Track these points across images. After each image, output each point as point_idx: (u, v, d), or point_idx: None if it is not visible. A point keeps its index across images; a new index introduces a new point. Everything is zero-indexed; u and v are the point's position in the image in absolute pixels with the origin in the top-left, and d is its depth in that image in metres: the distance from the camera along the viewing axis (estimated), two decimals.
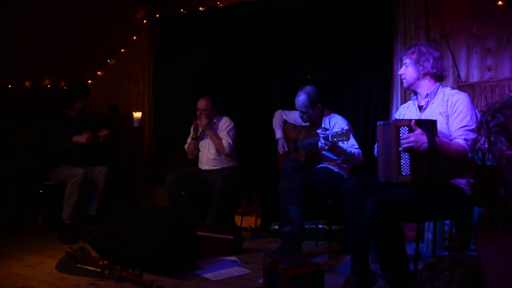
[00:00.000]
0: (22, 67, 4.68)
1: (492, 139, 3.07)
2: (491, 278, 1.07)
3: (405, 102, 3.86)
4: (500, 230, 2.87)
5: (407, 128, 2.09)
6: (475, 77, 3.58)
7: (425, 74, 2.35)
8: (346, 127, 2.83)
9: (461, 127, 2.19)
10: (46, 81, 5.12)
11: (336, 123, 3.25)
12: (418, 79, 2.36)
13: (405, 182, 2.12)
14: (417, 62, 2.34)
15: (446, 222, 3.09)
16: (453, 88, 2.36)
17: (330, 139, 2.81)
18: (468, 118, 2.20)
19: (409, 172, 2.09)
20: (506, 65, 3.47)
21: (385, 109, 3.90)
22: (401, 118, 2.51)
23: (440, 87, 2.36)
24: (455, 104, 2.23)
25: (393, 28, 3.88)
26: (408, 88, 2.43)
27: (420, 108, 2.41)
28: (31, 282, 2.47)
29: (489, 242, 1.52)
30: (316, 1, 4.14)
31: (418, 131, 2.06)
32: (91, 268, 2.60)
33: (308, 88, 3.24)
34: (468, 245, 3.04)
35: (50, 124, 3.69)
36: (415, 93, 2.44)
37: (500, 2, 3.45)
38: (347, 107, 3.99)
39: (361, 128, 3.91)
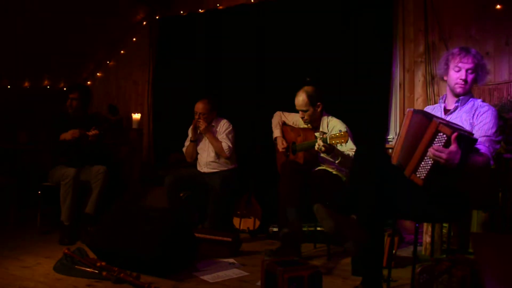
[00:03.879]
0: (21, 68, 4.68)
1: None
2: (489, 281, 1.07)
3: (404, 104, 3.89)
4: (499, 233, 2.87)
5: (445, 138, 1.94)
6: None
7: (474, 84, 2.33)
8: (344, 130, 2.83)
9: (485, 136, 2.16)
10: (46, 82, 5.12)
11: (334, 126, 3.25)
12: (471, 88, 2.33)
13: (414, 182, 2.07)
14: (477, 73, 2.29)
15: (444, 224, 3.09)
16: (483, 101, 2.33)
17: (328, 142, 2.82)
18: (494, 130, 2.18)
19: (423, 177, 2.02)
20: (504, 69, 3.48)
21: (384, 112, 3.90)
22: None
23: (472, 97, 2.34)
24: (482, 114, 2.22)
25: (393, 31, 3.90)
26: (461, 94, 2.33)
27: (446, 111, 2.38)
28: (28, 283, 2.46)
29: (487, 245, 1.52)
30: (315, 4, 4.15)
31: (454, 147, 1.91)
32: (88, 269, 2.60)
33: (307, 87, 3.27)
34: (466, 248, 3.04)
35: (52, 122, 3.71)
36: (456, 96, 2.35)
37: (498, 6, 3.47)
38: (346, 110, 3.99)
39: (360, 132, 3.90)
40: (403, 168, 2.14)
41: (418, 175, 2.04)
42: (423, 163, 2.02)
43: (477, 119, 2.23)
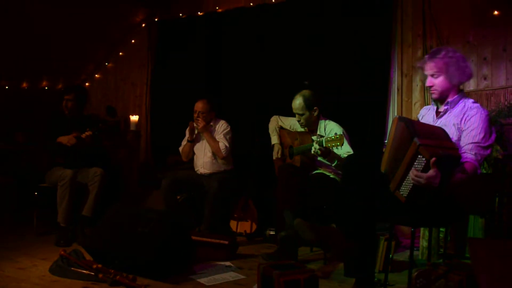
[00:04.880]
0: (20, 68, 4.68)
1: None
2: (484, 286, 1.07)
3: (401, 109, 3.90)
4: (495, 238, 2.88)
5: (425, 161, 1.91)
6: (471, 85, 3.60)
7: (454, 85, 2.29)
8: (340, 133, 2.84)
9: (472, 143, 2.13)
10: (44, 83, 5.11)
11: (331, 130, 3.26)
12: (449, 89, 2.30)
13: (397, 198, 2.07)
14: (447, 72, 2.25)
15: (441, 229, 3.10)
16: (475, 102, 2.28)
17: (324, 145, 2.82)
18: (482, 135, 2.13)
19: (406, 195, 2.02)
20: (501, 74, 3.50)
21: (382, 117, 3.91)
22: (422, 120, 2.48)
23: (463, 97, 2.30)
24: (470, 119, 2.18)
25: (391, 35, 3.91)
26: (438, 99, 2.34)
27: (438, 114, 2.38)
28: (24, 285, 2.45)
29: (483, 250, 1.53)
30: (315, 8, 4.17)
31: (433, 172, 1.89)
32: (84, 271, 2.59)
33: (305, 91, 3.29)
34: (463, 253, 3.05)
35: (49, 125, 3.70)
36: (440, 101, 2.36)
37: (496, 12, 3.49)
38: (344, 114, 3.99)
39: (357, 137, 3.91)
40: (388, 177, 2.13)
41: (401, 193, 2.04)
42: (405, 182, 2.02)
43: (465, 124, 2.19)
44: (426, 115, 2.49)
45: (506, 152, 3.00)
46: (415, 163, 1.96)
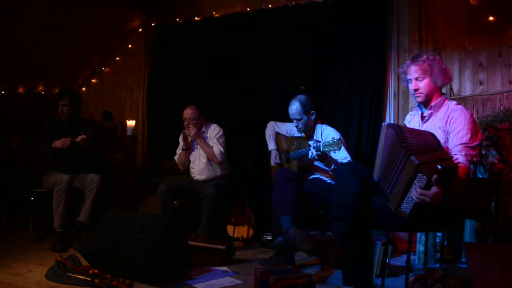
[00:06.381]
0: (16, 73, 4.67)
1: (483, 152, 3.11)
2: None
3: (398, 114, 3.92)
4: (491, 243, 2.89)
5: (426, 179, 1.89)
6: (467, 90, 3.63)
7: (438, 87, 2.32)
8: (337, 137, 2.84)
9: (461, 144, 2.15)
10: (40, 88, 5.10)
11: (328, 135, 3.26)
12: (433, 92, 2.32)
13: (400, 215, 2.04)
14: (431, 75, 2.28)
15: (437, 234, 3.10)
16: (458, 104, 2.30)
17: (321, 149, 2.83)
18: (469, 136, 2.16)
19: (408, 211, 1.99)
20: (497, 79, 3.53)
21: (379, 122, 3.93)
22: (408, 125, 2.49)
23: (446, 100, 2.33)
24: (455, 121, 2.20)
25: (387, 41, 3.93)
26: (423, 102, 2.36)
27: (422, 118, 2.40)
28: None
29: (479, 254, 1.53)
30: (311, 12, 4.19)
31: (437, 189, 1.87)
32: (81, 276, 2.57)
33: (301, 96, 3.29)
34: (459, 258, 3.05)
35: (44, 129, 3.69)
36: (424, 104, 2.39)
37: (491, 18, 3.52)
38: (341, 119, 4.01)
39: (355, 141, 3.93)
40: (384, 189, 2.12)
41: (403, 210, 2.02)
42: (405, 200, 1.99)
43: (450, 126, 2.21)
44: (412, 120, 2.51)
45: (502, 156, 3.02)
46: (415, 181, 1.94)
